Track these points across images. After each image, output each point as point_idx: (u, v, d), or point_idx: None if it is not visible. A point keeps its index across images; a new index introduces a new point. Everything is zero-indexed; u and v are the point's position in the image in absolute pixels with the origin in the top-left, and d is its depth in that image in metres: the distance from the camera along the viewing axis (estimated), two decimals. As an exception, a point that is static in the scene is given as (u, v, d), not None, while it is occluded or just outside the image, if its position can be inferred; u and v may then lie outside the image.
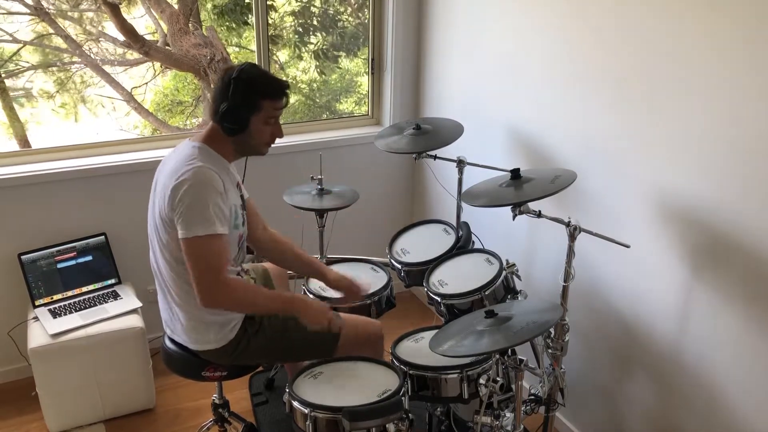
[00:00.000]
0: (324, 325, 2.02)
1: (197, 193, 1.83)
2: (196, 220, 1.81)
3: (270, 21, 4.26)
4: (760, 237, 1.78)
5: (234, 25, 4.58)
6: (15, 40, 4.14)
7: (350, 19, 4.13)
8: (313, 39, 4.40)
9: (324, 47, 4.32)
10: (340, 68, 4.42)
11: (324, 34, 4.29)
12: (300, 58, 4.56)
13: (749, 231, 1.81)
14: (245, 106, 1.90)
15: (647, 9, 2.00)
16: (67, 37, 4.19)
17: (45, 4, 3.95)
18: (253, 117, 1.92)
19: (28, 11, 3.94)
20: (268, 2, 3.95)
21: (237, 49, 4.70)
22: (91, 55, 4.38)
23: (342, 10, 4.16)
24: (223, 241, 1.86)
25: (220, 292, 1.85)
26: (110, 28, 4.24)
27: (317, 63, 4.49)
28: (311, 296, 2.46)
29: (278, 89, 1.95)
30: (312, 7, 4.33)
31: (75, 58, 4.37)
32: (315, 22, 4.35)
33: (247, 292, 1.94)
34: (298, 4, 4.32)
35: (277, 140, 2.07)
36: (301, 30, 4.40)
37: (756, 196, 1.77)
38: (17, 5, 3.76)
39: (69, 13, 4.17)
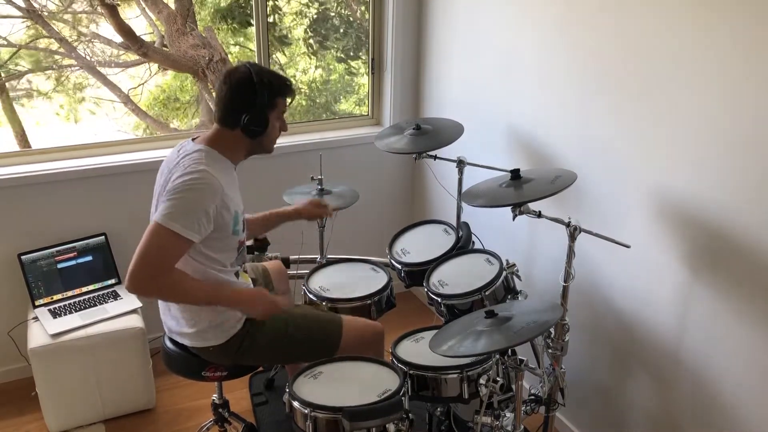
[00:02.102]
0: (275, 312, 2.07)
1: (195, 195, 1.82)
2: (178, 215, 1.79)
3: (275, 22, 4.26)
4: (760, 237, 1.78)
5: (239, 27, 4.57)
6: (10, 44, 4.14)
7: (351, 19, 4.12)
8: (329, 42, 4.39)
9: (344, 49, 4.31)
10: (364, 62, 4.40)
11: (340, 34, 4.28)
12: (315, 54, 4.53)
13: (749, 231, 1.81)
14: (267, 107, 1.95)
15: (647, 9, 2.00)
16: (61, 40, 4.19)
17: (37, 6, 3.94)
18: (270, 116, 1.97)
19: (21, 14, 3.93)
20: (274, 3, 3.94)
21: (238, 48, 4.70)
22: (87, 57, 4.38)
23: (343, 11, 4.16)
24: (185, 248, 1.83)
25: (151, 288, 1.83)
26: (105, 29, 4.23)
27: (345, 66, 4.48)
28: (311, 295, 2.46)
29: (290, 85, 2.01)
30: (325, 11, 4.32)
31: (71, 60, 4.36)
32: (335, 23, 4.33)
33: (176, 292, 1.89)
34: (312, 6, 4.31)
35: (277, 140, 2.08)
36: (313, 30, 4.39)
37: (756, 197, 1.78)
38: (9, 8, 3.75)
39: (62, 15, 4.16)
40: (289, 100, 2.02)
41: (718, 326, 1.96)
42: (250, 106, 1.91)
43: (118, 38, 4.16)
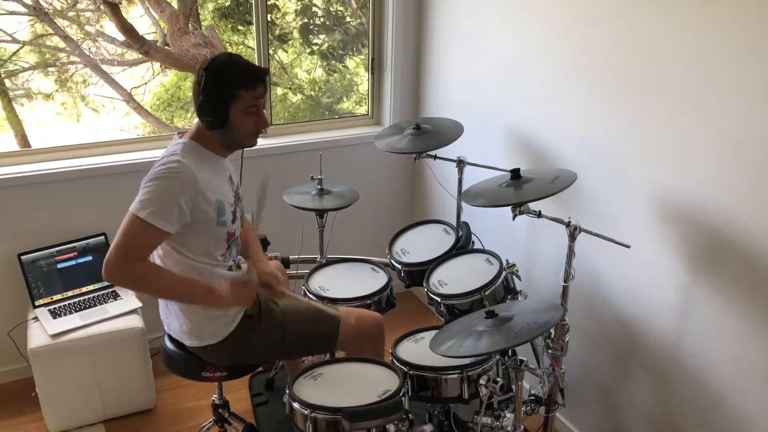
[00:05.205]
0: (241, 305, 1.97)
1: (165, 184, 1.81)
2: (150, 205, 1.78)
3: (275, 20, 4.26)
4: (761, 237, 1.78)
5: (239, 27, 4.57)
6: (14, 40, 4.14)
7: (350, 18, 4.12)
8: (318, 39, 4.39)
9: (331, 46, 4.31)
10: (346, 67, 4.40)
11: (328, 33, 4.28)
12: (312, 53, 4.54)
13: (749, 231, 1.81)
14: (221, 97, 1.85)
15: (648, 8, 2.00)
16: (66, 37, 4.19)
17: (44, 4, 3.95)
18: (231, 108, 1.86)
19: (27, 11, 3.94)
20: (271, 1, 3.93)
21: (242, 48, 4.70)
22: (90, 55, 4.38)
23: (342, 9, 4.16)
24: (157, 237, 1.82)
25: (123, 274, 1.81)
26: (109, 27, 4.24)
27: (325, 63, 4.48)
28: (312, 296, 2.45)
29: (252, 77, 1.87)
30: (314, 7, 4.32)
31: (74, 58, 4.37)
32: (318, 22, 4.34)
33: (148, 281, 1.85)
34: (301, 3, 4.32)
35: (277, 140, 2.07)
36: (306, 29, 4.39)
37: (756, 197, 1.77)
38: (15, 5, 3.76)
39: (67, 13, 4.17)
40: (255, 92, 1.87)
41: (718, 326, 1.96)
42: (199, 95, 1.85)
43: (121, 37, 4.17)
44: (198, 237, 1.93)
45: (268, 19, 3.18)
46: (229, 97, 1.85)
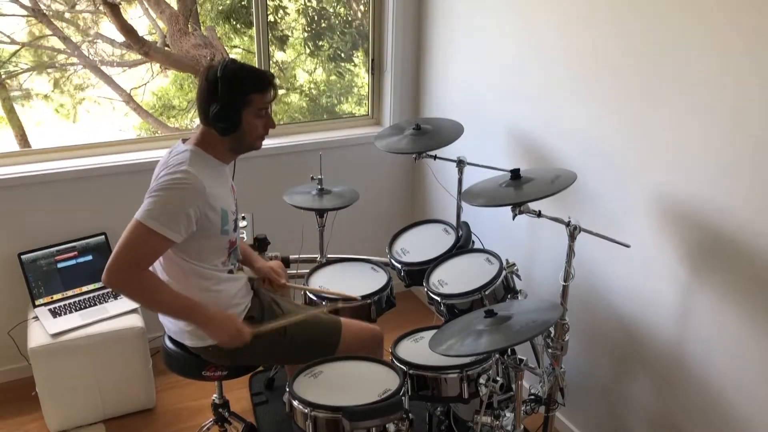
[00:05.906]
0: (228, 344, 1.96)
1: (175, 194, 1.81)
2: (156, 213, 1.78)
3: (276, 21, 4.26)
4: (760, 237, 1.78)
5: (241, 27, 4.58)
6: (13, 42, 4.14)
7: (354, 19, 4.13)
8: (324, 42, 4.40)
9: (338, 49, 4.31)
10: (356, 65, 4.38)
11: (336, 36, 4.29)
12: (312, 55, 4.54)
13: (749, 231, 1.81)
14: (235, 103, 1.87)
15: (649, 8, 2.00)
16: (65, 39, 4.20)
17: (42, 6, 3.95)
18: (244, 113, 1.89)
19: (26, 13, 3.94)
20: (276, 3, 3.93)
21: (241, 50, 4.70)
22: (90, 56, 4.39)
23: (343, 11, 4.16)
24: (163, 245, 1.82)
25: (126, 283, 1.81)
26: (108, 29, 4.25)
27: (333, 65, 4.48)
28: (311, 295, 2.45)
29: (264, 81, 1.92)
30: (322, 11, 4.33)
31: (73, 59, 4.37)
32: (324, 24, 4.34)
33: (149, 294, 1.86)
34: (310, 5, 4.32)
35: (277, 140, 2.07)
36: (311, 30, 4.39)
37: (756, 196, 1.77)
38: (14, 6, 3.76)
39: (66, 15, 4.17)
40: (266, 96, 1.92)
41: (718, 326, 1.96)
42: (215, 102, 1.86)
43: (121, 38, 4.17)
44: (201, 245, 1.93)
45: (270, 19, 3.18)
46: (242, 102, 1.88)
